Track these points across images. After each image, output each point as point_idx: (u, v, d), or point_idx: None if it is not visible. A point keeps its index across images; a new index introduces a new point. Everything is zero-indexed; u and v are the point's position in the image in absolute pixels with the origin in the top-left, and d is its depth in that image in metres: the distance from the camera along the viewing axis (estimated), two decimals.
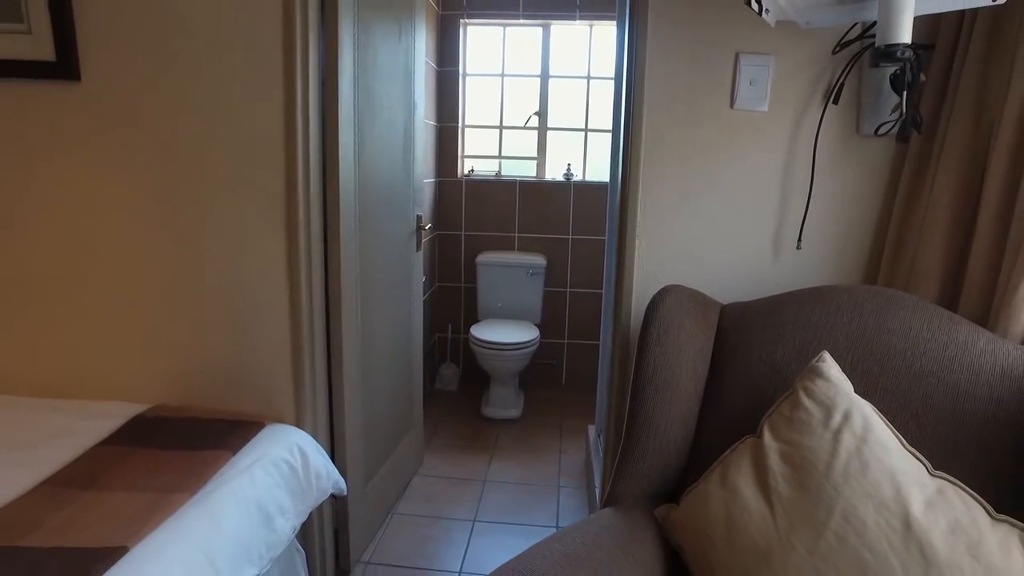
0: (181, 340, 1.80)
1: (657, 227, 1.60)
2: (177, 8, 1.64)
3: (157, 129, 1.71)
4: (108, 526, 1.17)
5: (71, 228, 1.79)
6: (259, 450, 1.54)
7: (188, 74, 1.67)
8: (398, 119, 2.28)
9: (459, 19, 3.48)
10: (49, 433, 1.54)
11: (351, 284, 1.93)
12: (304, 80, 1.66)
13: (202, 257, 1.76)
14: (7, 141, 1.76)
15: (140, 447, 1.49)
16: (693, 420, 1.34)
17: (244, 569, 1.31)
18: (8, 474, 1.33)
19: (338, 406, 1.92)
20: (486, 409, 3.37)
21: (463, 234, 3.71)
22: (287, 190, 1.71)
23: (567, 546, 1.11)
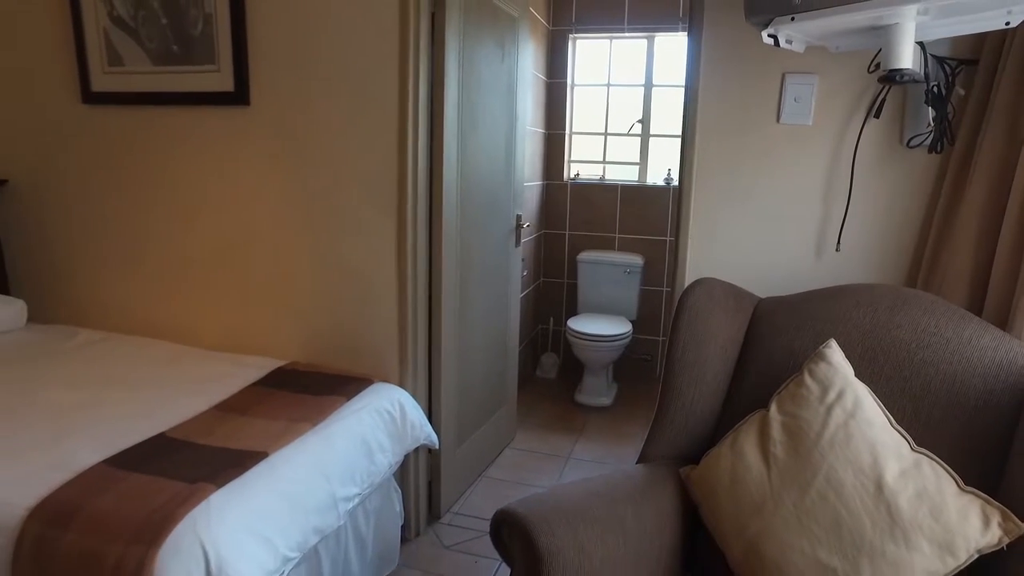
0: (312, 312, 2.24)
1: (708, 228, 1.80)
2: (318, 49, 2.07)
3: (303, 141, 2.15)
4: (255, 438, 1.59)
5: (238, 219, 2.29)
6: (367, 400, 1.93)
7: (326, 99, 2.10)
8: (500, 130, 2.61)
9: (568, 34, 3.77)
10: (217, 375, 2.02)
11: (451, 270, 2.28)
12: (415, 101, 2.02)
13: (330, 245, 2.18)
14: (200, 151, 2.29)
15: (278, 390, 1.92)
16: (721, 396, 1.55)
17: (348, 487, 1.69)
18: (191, 400, 1.81)
19: (435, 373, 2.28)
20: (579, 396, 3.63)
21: (567, 233, 3.99)
22: (399, 191, 2.08)
23: (591, 484, 1.37)
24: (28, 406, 1.76)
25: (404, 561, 2.17)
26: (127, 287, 2.50)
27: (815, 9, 1.21)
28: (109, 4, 2.29)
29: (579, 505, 1.28)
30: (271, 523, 1.41)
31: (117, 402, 1.80)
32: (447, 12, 2.06)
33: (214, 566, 1.25)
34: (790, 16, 1.24)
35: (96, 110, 2.41)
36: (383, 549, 2.03)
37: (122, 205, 2.45)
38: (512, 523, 1.23)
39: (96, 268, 2.54)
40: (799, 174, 1.72)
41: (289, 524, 1.45)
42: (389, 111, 2.04)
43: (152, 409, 1.75)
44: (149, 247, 2.44)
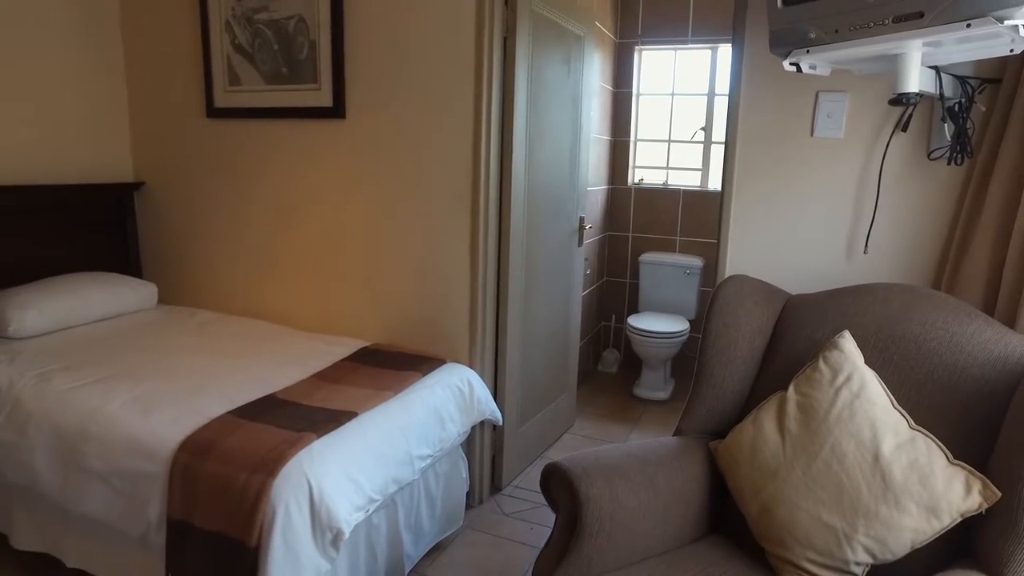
0: (394, 300, 2.56)
1: (746, 230, 1.98)
2: (403, 71, 2.38)
3: (389, 150, 2.47)
4: (347, 401, 1.90)
5: (332, 217, 2.63)
6: (440, 376, 2.22)
7: (410, 113, 2.40)
8: (565, 138, 2.85)
9: (634, 47, 3.97)
10: (314, 351, 2.37)
11: (517, 266, 2.54)
12: (487, 115, 2.30)
13: (411, 241, 2.49)
14: (302, 158, 2.65)
15: (365, 365, 2.24)
16: (750, 379, 1.74)
17: (422, 447, 1.98)
18: (294, 370, 2.16)
19: (501, 357, 2.54)
20: (637, 390, 3.83)
21: (630, 235, 4.19)
22: (472, 194, 2.36)
23: (629, 448, 1.60)
24: (165, 369, 2.14)
25: (468, 523, 2.45)
26: (238, 274, 2.91)
27: (827, 44, 1.40)
28: (232, 34, 2.69)
29: (616, 463, 1.51)
30: (359, 468, 1.71)
31: (233, 369, 2.16)
32: (517, 36, 2.33)
33: (315, 495, 1.56)
34: (806, 48, 1.43)
35: (217, 123, 2.82)
36: (450, 510, 2.32)
37: (237, 204, 2.85)
38: (558, 474, 1.48)
39: (213, 258, 2.96)
40: (831, 182, 1.88)
41: (373, 471, 1.75)
42: (465, 124, 2.32)
43: (262, 375, 2.10)
44: (257, 240, 2.83)
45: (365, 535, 1.87)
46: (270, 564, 1.50)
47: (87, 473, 1.78)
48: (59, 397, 1.95)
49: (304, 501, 1.55)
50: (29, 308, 2.40)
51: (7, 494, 2.04)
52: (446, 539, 2.33)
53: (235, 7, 2.66)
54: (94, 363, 2.18)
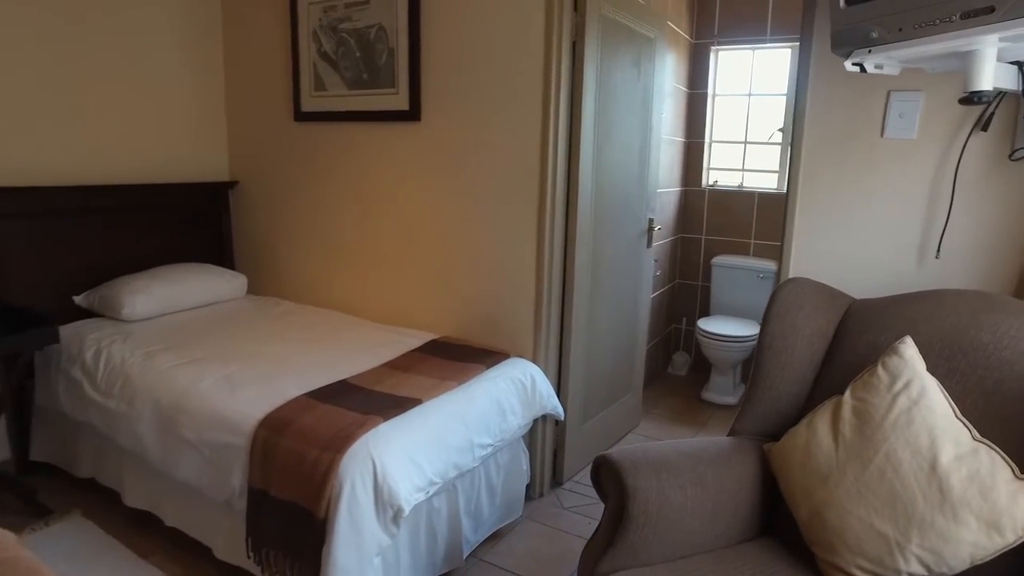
0: (462, 294, 2.66)
1: (811, 233, 1.96)
2: (475, 76, 2.48)
3: (461, 151, 2.58)
4: (413, 389, 2.02)
5: (407, 214, 2.77)
6: (503, 370, 2.30)
7: (481, 116, 2.50)
8: (634, 141, 2.88)
9: (710, 47, 3.92)
10: (385, 341, 2.51)
11: (583, 265, 2.59)
12: (555, 119, 2.36)
13: (480, 238, 2.58)
14: (380, 158, 2.81)
15: (432, 356, 2.35)
16: (808, 383, 1.72)
17: (483, 436, 2.06)
18: (366, 358, 2.30)
19: (565, 354, 2.60)
20: (705, 393, 3.78)
21: (703, 238, 4.14)
22: (540, 194, 2.43)
23: (680, 445, 1.63)
24: (251, 353, 2.33)
25: (527, 514, 2.52)
26: (319, 267, 3.10)
27: (890, 43, 1.38)
28: (318, 43, 2.87)
29: (665, 458, 1.54)
30: (421, 451, 1.81)
31: (311, 355, 2.32)
32: (586, 41, 2.38)
33: (379, 473, 1.67)
34: (867, 48, 1.41)
35: (304, 126, 3.02)
36: (509, 500, 2.39)
37: (319, 202, 3.04)
38: (607, 465, 1.53)
39: (297, 251, 3.17)
40: (901, 184, 1.83)
41: (435, 455, 1.85)
42: (533, 126, 2.39)
43: (336, 362, 2.25)
44: (337, 236, 3.01)
45: (426, 516, 1.97)
46: (336, 535, 1.62)
47: (182, 442, 1.97)
48: (161, 374, 2.17)
49: (368, 478, 1.67)
50: (139, 294, 2.66)
51: (120, 458, 2.28)
52: (505, 528, 2.41)
53: (321, 18, 2.84)
54: (190, 345, 2.40)
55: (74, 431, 2.49)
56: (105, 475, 2.42)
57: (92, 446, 2.44)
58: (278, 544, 1.75)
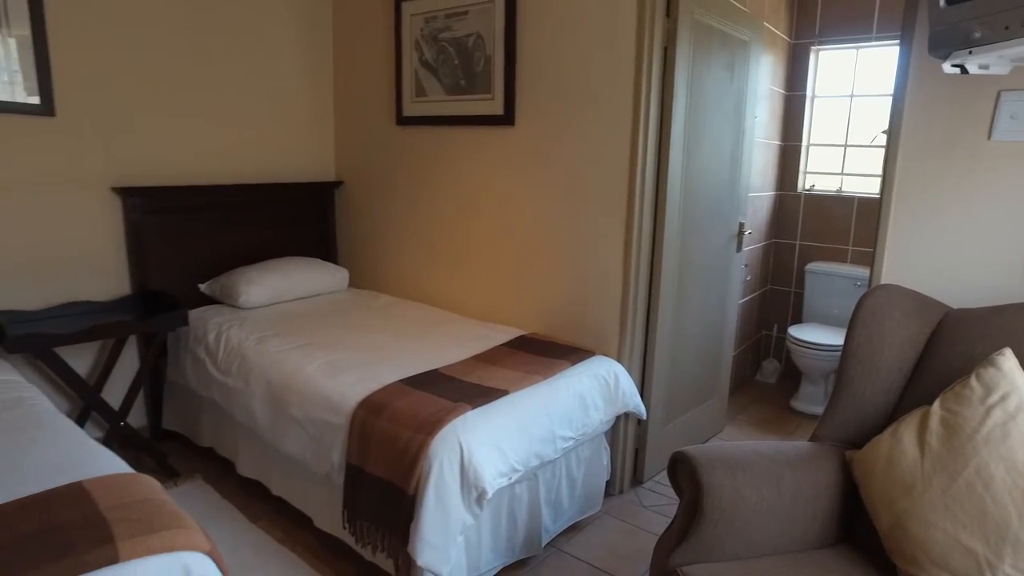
0: (549, 293, 2.75)
1: (907, 241, 1.91)
2: (567, 82, 2.56)
3: (553, 154, 2.66)
4: (500, 381, 2.12)
5: (500, 214, 2.89)
6: (587, 367, 2.37)
7: (572, 121, 2.58)
8: (725, 145, 2.87)
9: (809, 47, 3.82)
10: (475, 336, 2.64)
11: (670, 267, 2.61)
12: (645, 123, 2.40)
13: (569, 239, 2.66)
14: (476, 161, 2.94)
15: (519, 351, 2.46)
16: (895, 392, 1.69)
17: (565, 429, 2.14)
18: (457, 350, 2.43)
19: (650, 354, 2.64)
20: (794, 402, 3.69)
21: (797, 243, 4.03)
22: (628, 197, 2.48)
23: (758, 446, 1.65)
24: (351, 341, 2.51)
25: (605, 509, 2.57)
26: (415, 264, 3.27)
27: (995, 42, 1.34)
28: (420, 51, 3.04)
29: (742, 457, 1.57)
30: (506, 439, 1.92)
31: (406, 345, 2.48)
32: (677, 46, 2.40)
33: (466, 456, 1.79)
34: (968, 49, 1.38)
35: (405, 129, 3.20)
36: (589, 494, 2.46)
37: (417, 201, 3.22)
38: (683, 460, 1.57)
39: (395, 248, 3.36)
40: (1011, 190, 1.75)
41: (518, 443, 1.95)
42: (623, 130, 2.45)
43: (430, 353, 2.39)
44: (433, 234, 3.17)
45: (508, 502, 2.08)
46: (424, 511, 1.74)
47: (289, 419, 2.17)
48: (272, 357, 2.38)
49: (455, 460, 1.78)
50: (253, 285, 2.91)
51: (235, 430, 2.53)
52: (583, 520, 2.47)
53: (423, 28, 3.01)
54: (297, 332, 2.61)
55: (197, 405, 2.77)
56: (222, 446, 2.68)
57: (212, 419, 2.70)
58: (371, 517, 1.90)
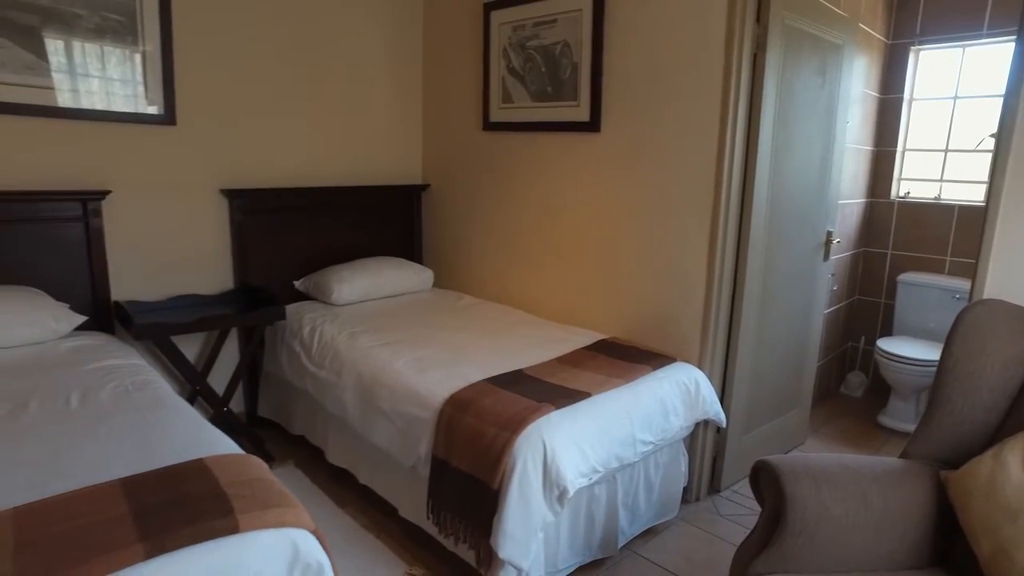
0: (631, 298, 2.77)
1: (1013, 252, 1.82)
2: (652, 89, 2.58)
3: (638, 161, 2.69)
4: (582, 383, 2.17)
5: (583, 219, 2.93)
6: (668, 372, 2.38)
7: (658, 127, 2.59)
8: (814, 150, 2.81)
9: (909, 47, 3.66)
10: (557, 338, 2.70)
11: (755, 275, 2.59)
12: (732, 129, 2.39)
13: (652, 244, 2.68)
14: (560, 166, 3.00)
15: (601, 354, 2.50)
16: (998, 412, 1.63)
17: (645, 433, 2.17)
18: (540, 352, 2.49)
19: (731, 362, 2.62)
20: (882, 418, 3.56)
21: (888, 253, 3.88)
22: (714, 203, 2.48)
23: (844, 459, 1.63)
24: (437, 340, 2.62)
25: (682, 515, 2.57)
26: (498, 266, 3.36)
27: None
28: (507, 59, 3.12)
29: (827, 469, 1.56)
30: (587, 440, 1.96)
31: (490, 345, 2.56)
32: (767, 52, 2.38)
33: (549, 455, 1.85)
34: None
35: (491, 135, 3.30)
36: (666, 499, 2.47)
37: (501, 205, 3.30)
38: (766, 470, 1.57)
39: (478, 250, 3.46)
40: None
41: (599, 445, 1.99)
42: (710, 137, 2.45)
43: (513, 353, 2.47)
44: (516, 237, 3.25)
45: (586, 502, 2.12)
46: (507, 506, 1.81)
47: (378, 412, 2.29)
48: (363, 352, 2.52)
49: (539, 458, 1.84)
50: (345, 282, 3.07)
51: (325, 420, 2.68)
52: (659, 525, 2.49)
53: (511, 36, 3.09)
54: (386, 329, 2.74)
55: (291, 395, 2.95)
56: (313, 434, 2.84)
57: (304, 409, 2.87)
58: (455, 509, 1.99)
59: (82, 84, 2.58)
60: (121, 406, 1.87)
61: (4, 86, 2.41)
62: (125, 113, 2.69)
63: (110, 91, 2.65)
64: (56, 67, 2.51)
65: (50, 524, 1.23)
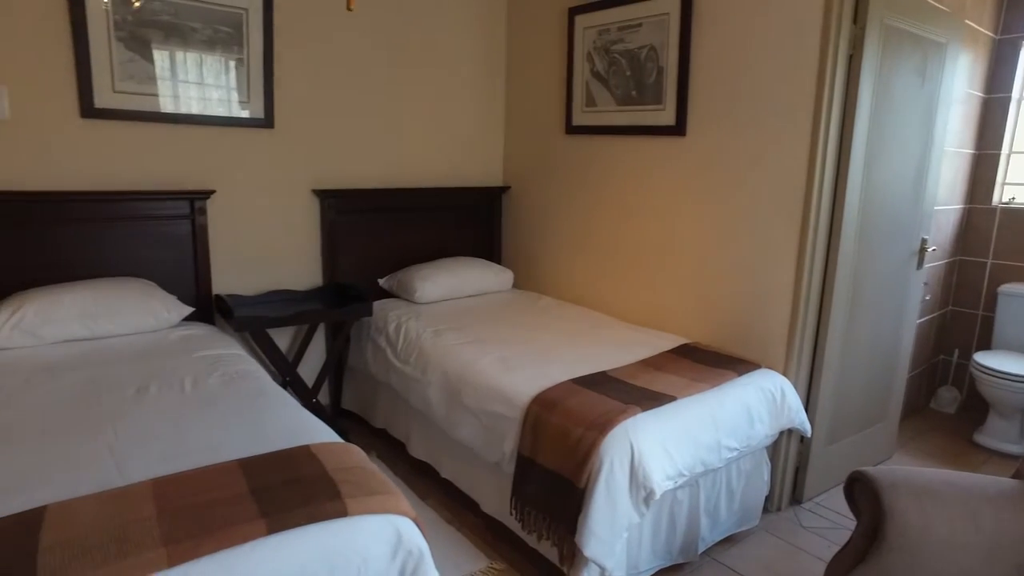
0: (714, 303, 2.75)
1: None
2: (742, 93, 2.54)
3: (724, 165, 2.66)
4: (667, 386, 2.17)
5: (666, 222, 2.92)
6: (753, 379, 2.35)
7: (746, 131, 2.56)
8: (911, 155, 2.70)
9: (1020, 41, 3.46)
10: (639, 341, 2.70)
11: (843, 283, 2.52)
12: (825, 133, 2.34)
13: (737, 249, 2.65)
14: (644, 170, 3.00)
15: (683, 358, 2.49)
16: None
17: (731, 439, 2.15)
18: (622, 354, 2.51)
19: (816, 371, 2.56)
20: (979, 436, 3.38)
21: (988, 262, 3.68)
22: (803, 209, 2.43)
23: (949, 475, 1.57)
24: (519, 339, 2.67)
25: (763, 525, 2.53)
26: (577, 268, 3.39)
27: None
28: (592, 63, 3.15)
29: (930, 485, 1.51)
30: (674, 444, 1.97)
31: (572, 347, 2.59)
32: (864, 53, 2.32)
33: (636, 456, 1.86)
34: None
35: (573, 138, 3.33)
36: (747, 507, 2.43)
37: (582, 207, 3.33)
38: (864, 481, 1.54)
39: (557, 252, 3.49)
40: None
41: (684, 449, 1.99)
42: (800, 141, 2.40)
43: (595, 355, 2.49)
44: (596, 240, 3.26)
45: (669, 506, 2.12)
46: (594, 505, 1.84)
47: (463, 409, 2.35)
48: (448, 350, 2.59)
49: (626, 459, 1.86)
50: (428, 281, 3.17)
51: (408, 415, 2.77)
52: (740, 534, 2.45)
53: (595, 40, 3.11)
54: (468, 328, 2.81)
55: (374, 389, 3.06)
56: (395, 428, 2.94)
57: (387, 402, 2.97)
58: (540, 506, 2.03)
59: (193, 91, 2.76)
60: (228, 392, 2.00)
61: (130, 95, 2.61)
62: (229, 117, 2.87)
63: (217, 97, 2.83)
64: (171, 76, 2.70)
65: (184, 496, 1.34)
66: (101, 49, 2.53)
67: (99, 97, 2.56)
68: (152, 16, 2.61)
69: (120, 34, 2.56)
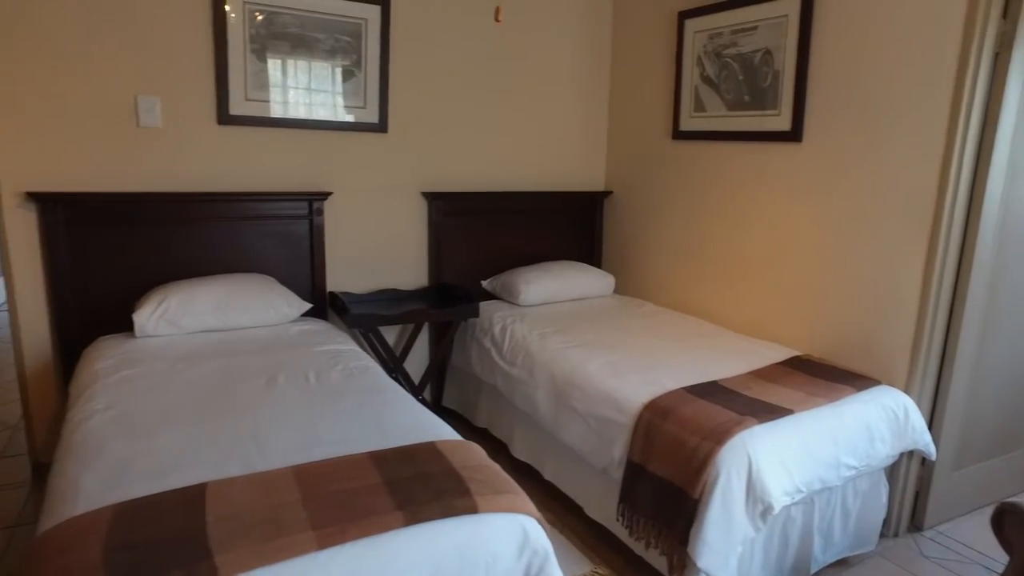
0: (828, 315, 2.64)
1: None
2: (866, 96, 2.43)
3: (844, 172, 2.55)
4: (782, 399, 2.11)
5: (777, 230, 2.84)
6: (873, 395, 2.25)
7: (869, 137, 2.44)
8: None
9: None
10: (749, 351, 2.63)
11: (977, 299, 2.36)
12: (962, 139, 2.21)
13: (856, 259, 2.53)
14: (756, 176, 2.93)
15: (797, 371, 2.41)
16: None
17: (849, 457, 2.06)
18: (733, 364, 2.45)
19: (943, 391, 2.41)
20: None
21: None
22: (933, 220, 2.29)
23: None
24: (624, 345, 2.66)
25: (879, 550, 2.40)
26: (680, 274, 3.34)
27: None
28: (702, 67, 3.10)
29: None
30: (791, 459, 1.91)
31: (680, 354, 2.56)
32: (1013, 51, 2.17)
33: (753, 469, 1.82)
34: None
35: (680, 144, 3.28)
36: (863, 530, 2.32)
37: (687, 213, 3.28)
38: (1015, 513, 1.45)
39: (660, 258, 3.46)
40: None
41: (803, 465, 1.93)
42: (933, 148, 2.27)
43: (705, 363, 2.44)
44: (703, 247, 3.21)
45: (782, 522, 2.06)
46: (708, 516, 1.81)
47: (571, 412, 2.37)
48: (554, 352, 2.61)
49: (743, 472, 1.82)
50: (531, 284, 3.21)
51: (512, 416, 2.82)
52: (854, 557, 2.35)
53: (706, 44, 3.06)
54: (574, 332, 2.82)
55: (476, 388, 3.13)
56: (498, 428, 2.99)
57: (490, 403, 3.03)
58: (649, 514, 2.01)
59: (315, 98, 2.92)
60: (349, 387, 2.09)
61: (259, 103, 2.80)
62: (346, 122, 3.01)
63: (335, 103, 2.97)
64: (295, 84, 2.87)
65: (324, 484, 1.42)
66: (237, 60, 2.72)
67: (234, 105, 2.75)
68: (282, 28, 2.78)
69: (254, 46, 2.74)
